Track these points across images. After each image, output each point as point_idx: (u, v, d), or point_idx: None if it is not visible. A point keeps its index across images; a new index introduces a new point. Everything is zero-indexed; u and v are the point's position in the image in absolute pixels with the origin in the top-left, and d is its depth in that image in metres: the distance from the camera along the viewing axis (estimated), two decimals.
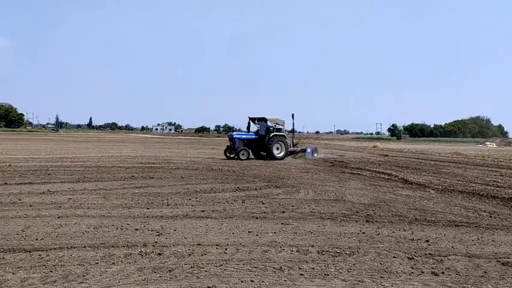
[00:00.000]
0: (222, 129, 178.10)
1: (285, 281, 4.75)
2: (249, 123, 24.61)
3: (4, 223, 6.90)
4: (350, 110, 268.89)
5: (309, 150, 25.64)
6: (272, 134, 23.11)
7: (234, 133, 25.07)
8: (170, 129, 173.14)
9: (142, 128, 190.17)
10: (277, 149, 23.10)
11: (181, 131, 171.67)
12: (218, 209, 8.70)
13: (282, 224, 7.58)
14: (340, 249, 6.04)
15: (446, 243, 6.54)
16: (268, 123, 23.62)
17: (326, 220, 8.02)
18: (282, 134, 23.60)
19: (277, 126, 23.70)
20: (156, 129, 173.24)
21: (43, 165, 15.81)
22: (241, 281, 4.67)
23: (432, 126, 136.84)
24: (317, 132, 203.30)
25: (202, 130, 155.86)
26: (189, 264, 5.19)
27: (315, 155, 25.63)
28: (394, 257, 5.75)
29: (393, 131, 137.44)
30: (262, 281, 4.69)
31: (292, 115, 25.26)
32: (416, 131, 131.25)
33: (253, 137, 23.78)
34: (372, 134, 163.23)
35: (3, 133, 70.53)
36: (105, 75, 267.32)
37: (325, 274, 5.01)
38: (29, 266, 4.89)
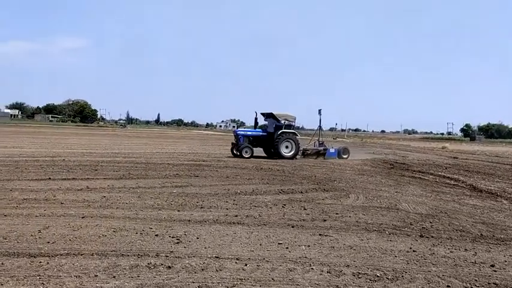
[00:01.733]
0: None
1: None
2: (255, 118, 23.01)
3: (25, 222, 6.66)
4: (419, 108, 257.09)
5: (332, 150, 23.16)
6: (280, 131, 21.55)
7: (238, 129, 23.66)
8: (233, 126, 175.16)
9: (207, 124, 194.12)
10: (287, 147, 21.39)
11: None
12: (253, 214, 7.98)
13: (320, 235, 6.70)
14: (381, 272, 5.08)
15: None
16: (283, 121, 22.09)
17: (372, 232, 7.02)
18: (292, 131, 21.93)
19: (287, 123, 22.14)
20: (220, 126, 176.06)
21: (94, 161, 15.98)
22: None
23: (511, 126, 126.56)
24: (382, 132, 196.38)
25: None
26: (198, 282, 4.51)
27: (345, 156, 23.04)
28: (447, 286, 4.71)
29: (466, 131, 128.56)
30: None
31: (319, 111, 23.63)
32: (492, 132, 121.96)
33: (261, 134, 22.29)
34: (442, 134, 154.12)
35: (75, 128, 74.87)
36: (174, 73, 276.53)
37: None
38: (23, 275, 4.46)
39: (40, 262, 4.87)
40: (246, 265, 5.10)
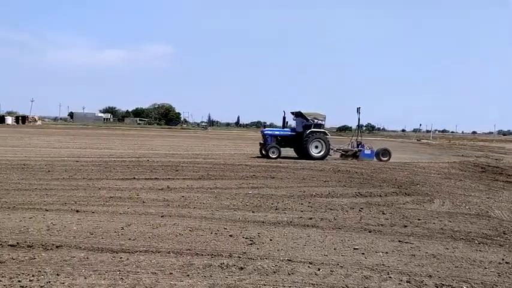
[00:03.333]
0: (364, 128, 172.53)
1: None
2: (284, 117, 22.04)
3: (110, 219, 7.06)
4: None
5: (367, 151, 21.53)
6: (309, 130, 20.57)
7: (266, 129, 22.67)
8: None
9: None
10: (316, 147, 20.41)
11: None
12: (328, 217, 7.76)
13: (399, 241, 6.34)
14: (468, 284, 4.66)
15: None
16: (312, 120, 21.08)
17: (459, 241, 6.50)
18: (322, 130, 20.86)
19: (316, 122, 21.10)
20: None
21: (176, 162, 16.64)
22: None
23: None
24: (473, 133, 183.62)
25: (343, 129, 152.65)
26: (269, 285, 4.45)
27: (384, 158, 21.10)
28: None
29: None
30: None
31: (358, 109, 22.22)
32: None
33: (289, 133, 21.39)
34: None
35: (160, 130, 78.77)
36: (254, 76, 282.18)
37: None
38: (105, 269, 4.69)
39: (121, 258, 5.12)
40: (319, 270, 4.95)
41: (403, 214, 8.27)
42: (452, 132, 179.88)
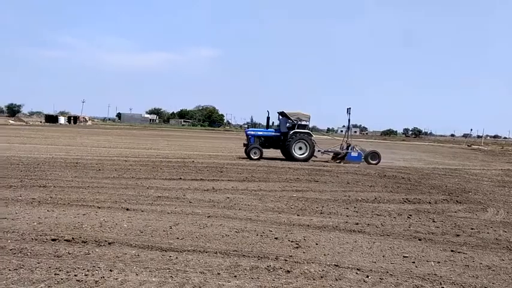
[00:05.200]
0: (410, 132, 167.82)
1: None
2: (267, 118, 21.40)
3: (159, 218, 7.23)
4: None
5: (354, 154, 20.47)
6: (293, 131, 19.93)
7: (249, 129, 22.03)
8: (355, 132, 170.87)
9: (328, 129, 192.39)
10: (300, 148, 19.79)
11: (367, 133, 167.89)
12: (375, 223, 7.60)
13: (452, 251, 6.10)
14: None
15: None
16: (295, 120, 20.37)
17: None
18: (306, 131, 20.14)
19: (300, 122, 20.36)
20: (341, 130, 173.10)
21: (220, 163, 16.85)
22: None
23: None
24: None
25: (388, 133, 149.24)
26: None
27: (373, 162, 20.03)
28: None
29: None
30: None
31: (348, 110, 21.25)
32: None
33: (273, 134, 20.77)
34: None
35: (204, 132, 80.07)
36: (296, 78, 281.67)
37: None
38: (155, 267, 4.81)
39: (170, 256, 5.23)
40: (367, 277, 4.85)
41: (455, 222, 7.96)
42: (504, 138, 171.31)
